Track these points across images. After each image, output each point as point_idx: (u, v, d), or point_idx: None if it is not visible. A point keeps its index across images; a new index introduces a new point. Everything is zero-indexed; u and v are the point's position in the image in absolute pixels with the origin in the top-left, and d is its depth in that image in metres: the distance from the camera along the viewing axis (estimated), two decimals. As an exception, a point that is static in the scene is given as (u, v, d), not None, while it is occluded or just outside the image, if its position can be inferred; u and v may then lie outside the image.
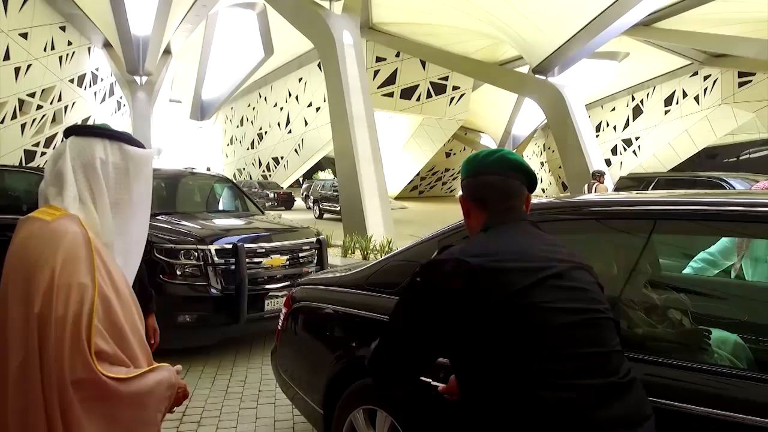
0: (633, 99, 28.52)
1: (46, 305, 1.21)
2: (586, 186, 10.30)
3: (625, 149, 29.18)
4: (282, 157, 29.05)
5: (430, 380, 1.91)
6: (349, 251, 8.69)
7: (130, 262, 1.45)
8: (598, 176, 9.82)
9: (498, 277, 1.18)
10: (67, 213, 1.32)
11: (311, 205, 21.12)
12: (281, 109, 28.36)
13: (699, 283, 2.48)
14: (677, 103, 26.35)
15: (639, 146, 28.53)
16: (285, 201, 24.01)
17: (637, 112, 28.36)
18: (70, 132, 1.41)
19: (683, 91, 26.02)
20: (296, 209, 23.76)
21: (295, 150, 27.94)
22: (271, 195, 23.62)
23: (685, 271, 2.62)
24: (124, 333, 1.30)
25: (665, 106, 26.95)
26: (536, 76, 16.69)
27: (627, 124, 28.93)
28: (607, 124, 29.77)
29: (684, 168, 26.69)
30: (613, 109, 29.51)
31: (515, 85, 19.03)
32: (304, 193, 24.87)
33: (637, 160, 28.59)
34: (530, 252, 1.25)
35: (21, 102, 15.93)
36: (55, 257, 1.25)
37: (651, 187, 8.47)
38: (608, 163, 23.20)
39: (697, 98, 25.52)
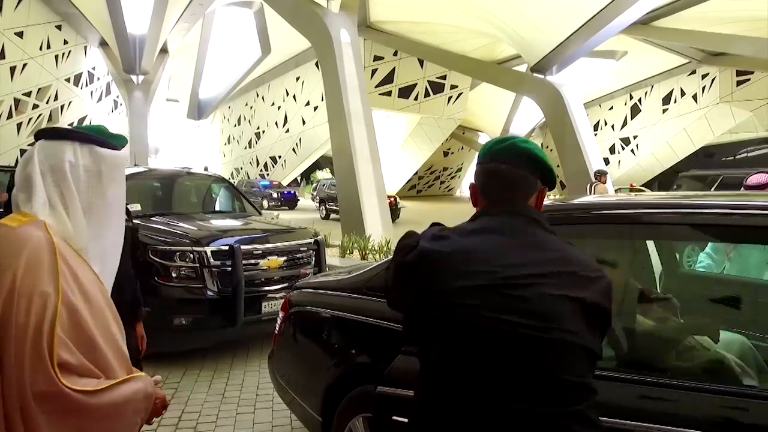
0: (631, 98, 28.52)
1: (7, 313, 1.16)
2: (588, 186, 10.15)
3: (623, 148, 29.19)
4: (280, 156, 28.98)
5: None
6: (348, 251, 8.64)
7: (107, 267, 1.41)
8: (599, 176, 9.68)
9: (439, 268, 1.13)
10: (35, 219, 1.27)
11: (318, 204, 20.53)
12: (279, 108, 28.30)
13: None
14: (675, 101, 26.35)
15: (637, 145, 28.54)
16: (288, 201, 23.49)
17: (635, 110, 28.36)
18: (39, 135, 1.35)
19: (681, 90, 26.02)
20: (303, 209, 23.29)
21: (293, 149, 27.87)
22: (275, 195, 23.10)
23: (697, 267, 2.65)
24: (95, 342, 1.24)
25: (663, 104, 26.95)
26: (534, 74, 16.65)
27: (625, 123, 28.94)
28: (605, 123, 29.77)
29: (683, 167, 26.72)
30: (611, 108, 29.50)
31: (513, 83, 18.99)
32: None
33: (635, 158, 28.61)
34: (496, 252, 1.15)
35: (17, 101, 15.85)
36: (17, 263, 1.20)
37: (716, 185, 8.26)
38: (606, 161, 23.19)
39: (695, 97, 25.52)
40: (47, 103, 17.08)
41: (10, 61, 15.03)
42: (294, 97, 27.15)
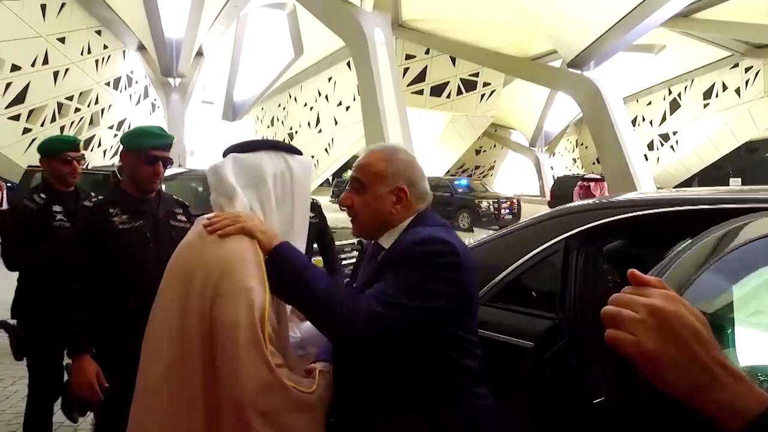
0: (670, 92, 27.76)
1: (216, 309, 1.20)
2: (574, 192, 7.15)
3: (662, 144, 28.44)
4: (312, 156, 29.14)
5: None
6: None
7: None
8: (590, 184, 6.61)
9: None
10: None
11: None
12: (311, 108, 28.47)
13: None
14: (717, 96, 25.55)
15: (677, 141, 27.76)
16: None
17: (675, 105, 27.59)
18: (234, 149, 1.50)
19: (723, 84, 25.21)
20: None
21: (326, 149, 28.01)
22: (485, 206, 16.49)
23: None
24: (286, 338, 1.35)
25: (704, 99, 26.16)
26: (571, 70, 16.34)
27: (664, 119, 28.18)
28: (643, 119, 29.04)
29: (724, 164, 25.97)
30: (649, 103, 28.77)
31: (549, 80, 18.70)
32: None
33: (675, 155, 27.85)
34: None
35: (60, 105, 16.30)
36: (222, 260, 1.25)
37: None
38: (645, 158, 22.60)
39: (738, 91, 24.71)
40: (88, 106, 17.53)
41: (53, 66, 15.46)
42: (326, 97, 27.28)
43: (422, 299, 1.32)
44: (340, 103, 26.35)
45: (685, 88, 26.99)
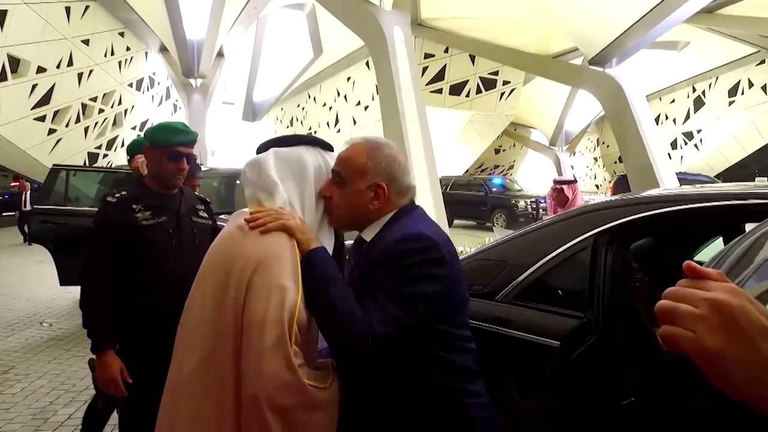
0: (694, 90, 27.25)
1: (249, 303, 1.20)
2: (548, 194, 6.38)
3: (685, 143, 27.94)
4: (331, 156, 29.29)
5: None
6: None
7: None
8: (563, 186, 5.86)
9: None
10: None
11: None
12: (330, 108, 28.54)
13: None
14: (742, 93, 25.00)
15: (701, 139, 27.25)
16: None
17: (699, 103, 27.08)
18: (273, 143, 1.52)
19: (749, 81, 24.65)
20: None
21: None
22: (523, 206, 16.17)
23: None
24: (312, 336, 1.34)
25: (729, 96, 25.62)
26: (592, 68, 16.12)
27: (688, 117, 27.67)
28: (666, 117, 28.57)
29: (749, 162, 25.43)
30: (673, 101, 28.29)
31: (570, 77, 18.48)
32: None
33: (699, 154, 27.33)
34: None
35: (84, 106, 16.55)
36: (259, 256, 1.25)
37: None
38: (669, 157, 22.23)
39: (764, 88, 24.14)
40: (112, 107, 17.78)
41: (78, 68, 15.70)
42: (345, 97, 27.33)
43: (415, 307, 1.33)
44: (358, 103, 26.37)
45: (710, 85, 26.48)
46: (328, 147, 1.55)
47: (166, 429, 1.26)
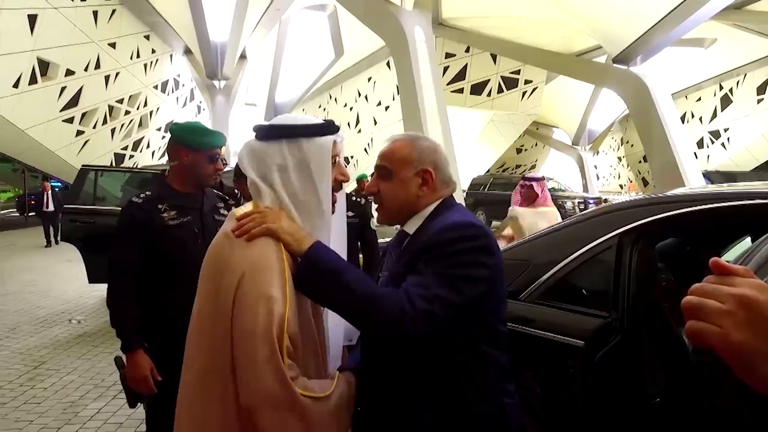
0: (721, 88, 26.68)
1: (237, 314, 1.17)
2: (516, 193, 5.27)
3: (712, 142, 27.39)
4: (352, 156, 29.32)
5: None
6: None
7: None
8: (532, 183, 4.92)
9: None
10: None
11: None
12: (351, 109, 28.62)
13: None
14: (772, 90, 24.42)
15: (728, 138, 26.67)
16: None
17: (726, 101, 26.50)
18: (255, 130, 1.39)
19: (779, 78, 24.08)
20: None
21: (365, 149, 28.12)
22: (570, 207, 15.89)
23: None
24: (298, 344, 1.24)
25: (758, 94, 25.02)
26: (616, 66, 15.92)
27: (714, 115, 27.11)
28: (692, 116, 28.03)
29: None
30: (699, 99, 27.73)
31: (594, 76, 18.27)
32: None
33: (726, 153, 26.76)
34: None
35: (110, 108, 16.88)
36: (246, 263, 1.20)
37: None
38: (695, 156, 21.83)
39: (795, 85, 23.57)
40: (137, 109, 18.10)
41: (105, 71, 16.02)
42: (366, 97, 27.38)
43: (461, 288, 1.31)
44: (379, 103, 26.40)
45: (737, 83, 25.90)
46: (314, 133, 1.34)
47: (183, 426, 1.27)
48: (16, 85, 13.08)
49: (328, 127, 1.37)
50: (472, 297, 1.33)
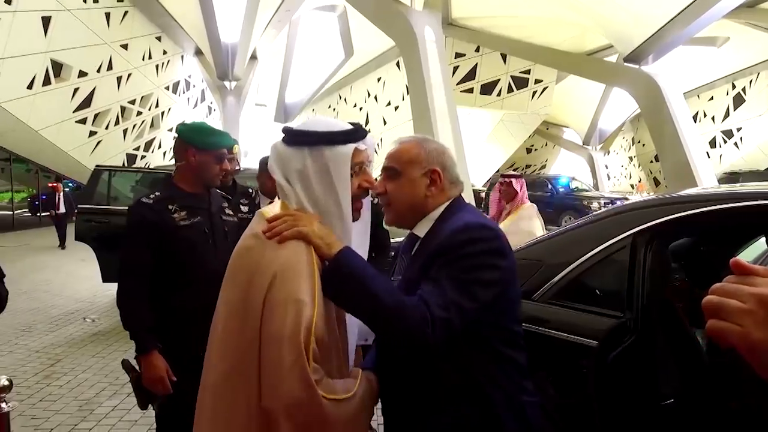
0: (734, 87, 26.42)
1: (266, 317, 1.17)
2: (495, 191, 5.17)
3: (725, 141, 27.13)
4: (361, 157, 29.36)
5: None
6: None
7: None
8: (509, 179, 4.80)
9: None
10: None
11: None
12: (360, 109, 28.66)
13: None
14: (786, 90, 24.15)
15: (741, 138, 26.41)
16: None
17: (739, 100, 26.25)
18: (283, 132, 1.39)
19: (793, 77, 23.80)
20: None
21: (375, 149, 28.06)
22: (596, 208, 14.47)
23: None
24: (330, 348, 1.25)
25: (772, 93, 24.77)
26: (628, 65, 15.83)
27: (727, 114, 26.86)
28: (705, 115, 27.78)
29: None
30: (711, 99, 27.48)
31: (605, 75, 18.18)
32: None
33: (739, 153, 26.50)
34: None
35: (123, 109, 17.01)
36: (276, 266, 1.20)
37: None
38: (707, 156, 21.63)
39: (809, 84, 23.28)
40: (149, 110, 18.24)
41: (117, 72, 16.16)
42: (375, 97, 27.40)
43: (476, 293, 1.31)
44: (388, 103, 26.41)
45: (750, 82, 25.63)
46: (337, 141, 1.34)
47: (204, 428, 1.26)
48: (30, 87, 13.23)
49: (354, 134, 1.37)
50: (486, 301, 1.33)
